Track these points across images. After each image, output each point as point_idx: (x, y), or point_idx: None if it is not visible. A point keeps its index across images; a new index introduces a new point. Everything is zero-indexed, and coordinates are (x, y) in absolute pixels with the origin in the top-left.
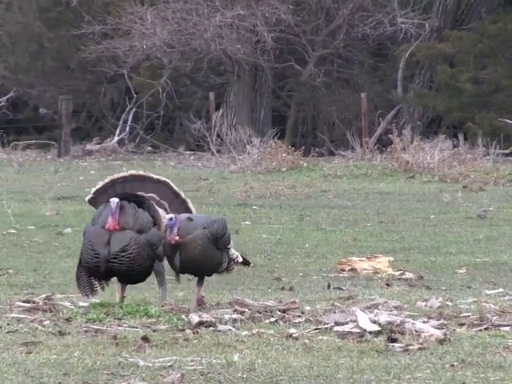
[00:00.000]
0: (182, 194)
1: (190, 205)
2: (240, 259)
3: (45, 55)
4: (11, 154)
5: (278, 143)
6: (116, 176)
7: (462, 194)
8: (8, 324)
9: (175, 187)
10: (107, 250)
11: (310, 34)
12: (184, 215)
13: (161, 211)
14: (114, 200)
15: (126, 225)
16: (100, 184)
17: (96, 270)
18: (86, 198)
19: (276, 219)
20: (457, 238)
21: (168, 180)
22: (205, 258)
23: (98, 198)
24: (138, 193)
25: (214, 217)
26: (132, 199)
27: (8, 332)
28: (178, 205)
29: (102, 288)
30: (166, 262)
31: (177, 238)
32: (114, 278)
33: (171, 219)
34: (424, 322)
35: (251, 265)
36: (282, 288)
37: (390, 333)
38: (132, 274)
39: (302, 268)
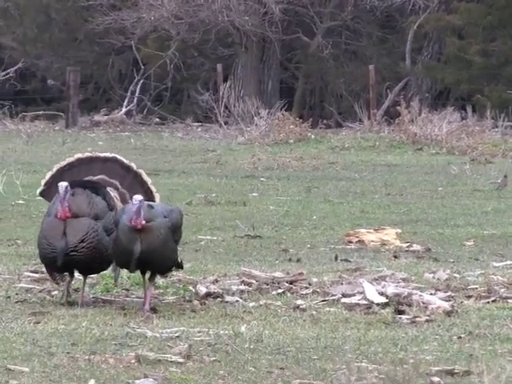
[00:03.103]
0: (134, 167)
1: (145, 176)
2: (179, 260)
3: (52, 26)
4: (19, 124)
5: (286, 115)
6: (63, 163)
7: (470, 167)
8: (16, 294)
9: (125, 161)
10: (64, 241)
11: (317, 6)
12: (144, 202)
13: (113, 194)
14: (62, 184)
15: (80, 212)
16: (49, 174)
17: (54, 265)
18: (37, 191)
19: (283, 191)
20: (464, 211)
21: (116, 155)
22: (164, 249)
23: (49, 190)
24: (87, 178)
25: (170, 206)
26: (88, 186)
27: (16, 302)
28: (131, 179)
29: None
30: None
31: (143, 222)
32: None
33: (141, 201)
34: (431, 294)
35: (183, 269)
36: (290, 259)
37: (398, 305)
38: (93, 264)
39: (309, 240)
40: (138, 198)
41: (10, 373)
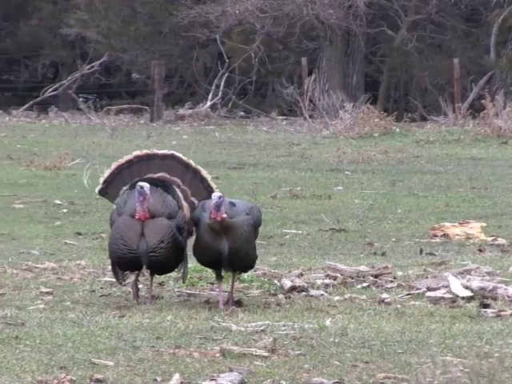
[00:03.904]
0: (193, 163)
1: (204, 173)
2: None
3: (137, 20)
4: (104, 118)
5: (371, 108)
6: (121, 161)
7: None
8: (101, 288)
9: (183, 157)
10: (143, 242)
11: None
12: (226, 199)
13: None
14: (145, 185)
15: (156, 212)
16: (107, 172)
17: (127, 264)
18: (96, 190)
19: (368, 184)
20: None
21: (174, 152)
22: (248, 246)
23: (108, 188)
24: (148, 175)
25: (249, 203)
26: (159, 184)
27: (101, 296)
28: (191, 176)
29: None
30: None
31: (224, 215)
32: None
33: (220, 197)
34: None
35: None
36: (375, 253)
37: (483, 298)
38: (167, 264)
39: (394, 233)
40: (217, 194)
41: (94, 366)
